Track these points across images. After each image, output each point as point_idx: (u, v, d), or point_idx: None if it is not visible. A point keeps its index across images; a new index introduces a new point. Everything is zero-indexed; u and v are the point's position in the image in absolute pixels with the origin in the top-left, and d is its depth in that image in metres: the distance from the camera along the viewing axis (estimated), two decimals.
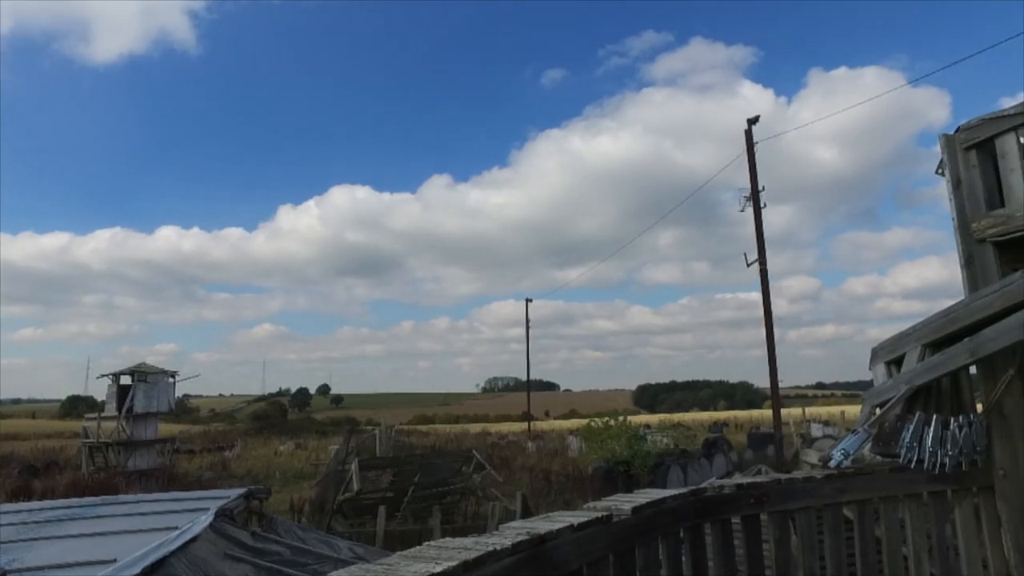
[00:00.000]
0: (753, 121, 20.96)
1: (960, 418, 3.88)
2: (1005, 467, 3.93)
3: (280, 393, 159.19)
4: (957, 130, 4.34)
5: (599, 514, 2.46)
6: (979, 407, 4.05)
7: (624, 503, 2.71)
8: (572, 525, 2.28)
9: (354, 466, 16.21)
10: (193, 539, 4.68)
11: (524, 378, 49.15)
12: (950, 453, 3.81)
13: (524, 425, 49.60)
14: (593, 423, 23.96)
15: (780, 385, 19.75)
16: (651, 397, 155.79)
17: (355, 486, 15.62)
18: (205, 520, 5.10)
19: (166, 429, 34.91)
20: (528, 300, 47.58)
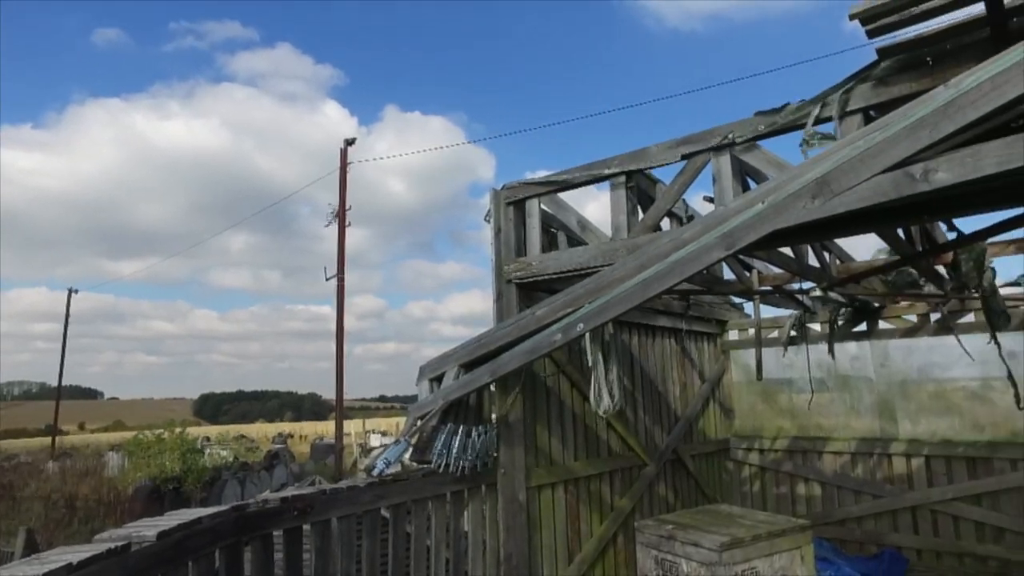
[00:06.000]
0: (350, 142, 21.76)
1: (480, 428, 4.63)
2: (506, 467, 4.83)
3: None
4: (502, 188, 5.24)
5: (114, 544, 2.15)
6: (494, 418, 4.89)
7: (149, 528, 2.43)
8: (70, 564, 1.93)
9: None
10: None
11: (55, 383, 40.56)
12: (470, 458, 4.50)
13: (48, 441, 40.72)
14: (142, 436, 21.13)
15: (345, 397, 20.61)
16: (214, 407, 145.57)
17: None
18: None
19: None
20: (72, 291, 39.67)
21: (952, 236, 4.85)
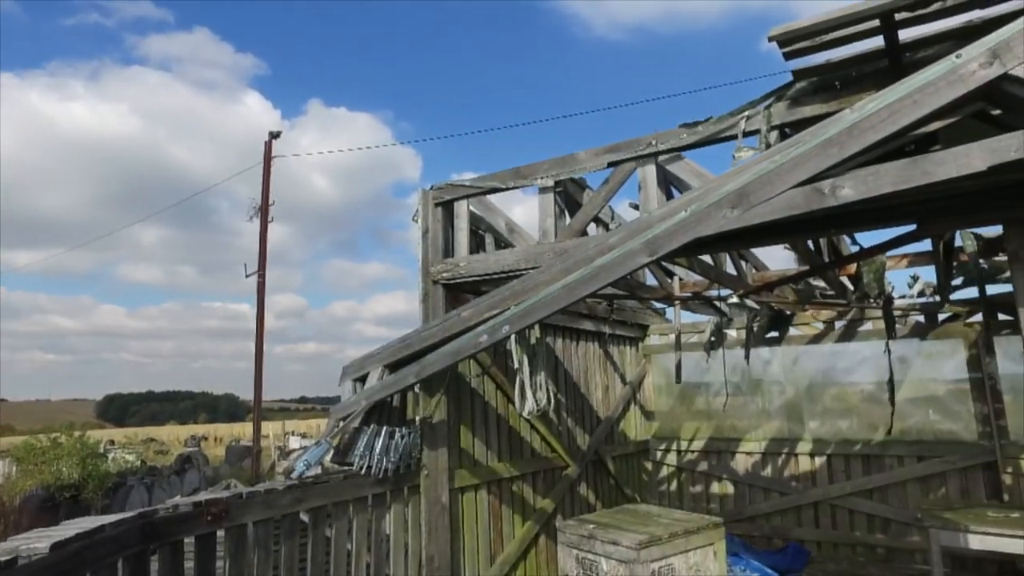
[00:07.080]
0: (275, 135, 21.09)
1: (403, 429, 4.58)
2: (429, 468, 4.80)
3: None
4: (431, 188, 5.21)
5: None
6: (418, 420, 4.85)
7: (43, 539, 2.27)
8: None
9: None
10: None
11: None
12: (393, 459, 4.44)
13: None
14: (34, 440, 19.67)
15: (264, 398, 19.92)
16: (120, 409, 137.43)
17: None
18: None
19: None
20: None
21: (855, 249, 5.18)
